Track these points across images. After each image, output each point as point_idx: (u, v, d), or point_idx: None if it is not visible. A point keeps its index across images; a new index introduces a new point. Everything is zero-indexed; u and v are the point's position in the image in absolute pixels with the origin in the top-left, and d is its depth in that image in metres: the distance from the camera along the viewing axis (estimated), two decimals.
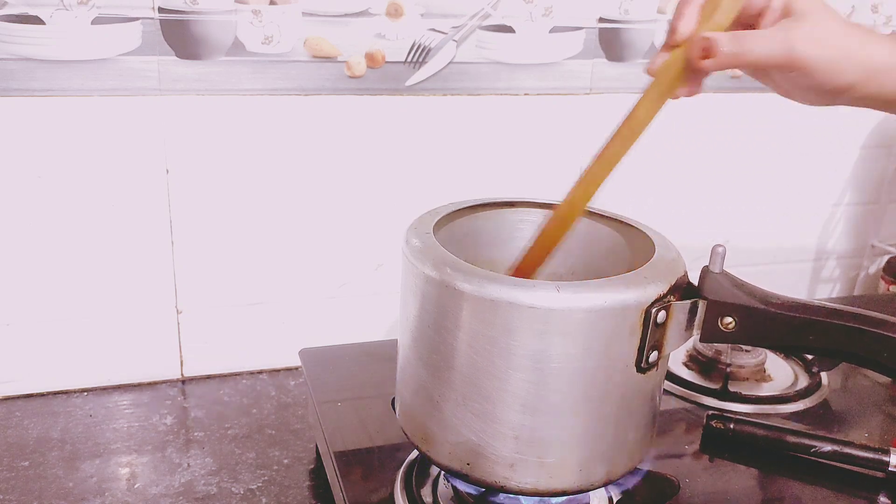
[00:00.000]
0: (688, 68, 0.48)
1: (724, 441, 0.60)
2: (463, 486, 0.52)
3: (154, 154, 0.72)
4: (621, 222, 0.56)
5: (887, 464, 0.57)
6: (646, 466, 0.55)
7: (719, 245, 0.47)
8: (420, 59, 0.77)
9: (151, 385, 0.79)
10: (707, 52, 0.46)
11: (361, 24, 0.74)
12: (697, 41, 0.47)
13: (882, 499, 0.56)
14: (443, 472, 0.54)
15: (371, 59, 0.76)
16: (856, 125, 0.98)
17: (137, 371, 0.79)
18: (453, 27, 0.77)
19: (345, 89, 0.76)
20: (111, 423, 0.73)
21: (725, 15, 0.48)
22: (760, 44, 0.47)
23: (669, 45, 0.48)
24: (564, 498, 0.50)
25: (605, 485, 0.49)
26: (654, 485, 0.55)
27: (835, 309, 0.46)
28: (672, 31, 0.48)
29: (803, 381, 0.71)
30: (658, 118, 0.49)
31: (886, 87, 0.50)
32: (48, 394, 0.77)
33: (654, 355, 0.46)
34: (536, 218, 0.59)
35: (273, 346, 0.82)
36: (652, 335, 0.45)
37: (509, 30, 0.79)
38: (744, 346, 0.72)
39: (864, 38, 0.50)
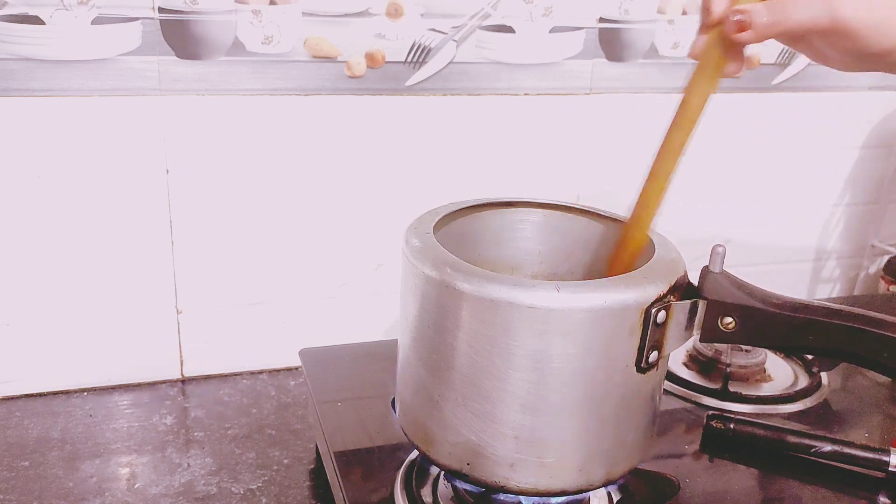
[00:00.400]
0: (727, 45, 0.47)
1: (724, 441, 0.60)
2: (463, 486, 0.52)
3: (154, 154, 0.72)
4: (621, 222, 0.56)
5: (887, 464, 0.57)
6: (646, 466, 0.55)
7: (719, 245, 0.47)
8: (420, 59, 0.77)
9: (151, 385, 0.79)
10: (743, 26, 0.46)
11: (361, 24, 0.74)
12: (731, 16, 0.46)
13: (882, 499, 0.56)
14: (443, 472, 0.54)
15: (371, 59, 0.76)
16: (856, 125, 0.98)
17: (137, 371, 0.79)
18: (453, 27, 0.77)
19: (345, 89, 0.76)
20: (111, 423, 0.73)
21: None
22: (800, 9, 0.45)
23: (706, 26, 0.48)
24: (564, 498, 0.50)
25: (605, 485, 0.49)
26: (654, 485, 0.55)
27: (835, 309, 0.46)
28: (706, 11, 0.48)
29: (803, 381, 0.71)
30: (711, 101, 0.48)
31: None
32: (48, 394, 0.77)
33: (654, 355, 0.46)
34: (536, 218, 0.59)
35: (273, 346, 0.82)
36: (652, 335, 0.45)
37: (509, 30, 0.79)
38: (744, 346, 0.72)
39: None
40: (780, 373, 0.72)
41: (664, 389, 0.57)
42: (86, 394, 0.77)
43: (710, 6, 0.47)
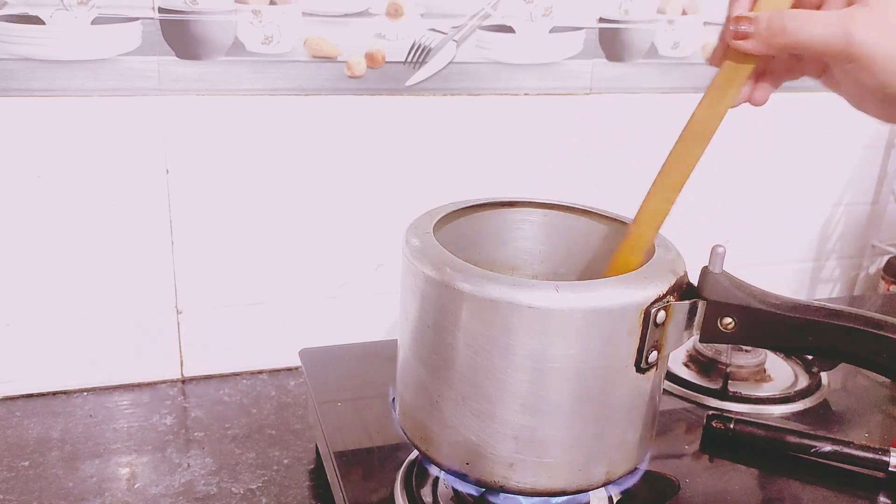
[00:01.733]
0: (739, 59, 0.43)
1: (724, 441, 0.60)
2: (462, 487, 0.52)
3: (154, 154, 0.72)
4: (621, 222, 0.56)
5: (887, 464, 0.57)
6: (646, 466, 0.55)
7: (719, 245, 0.47)
8: (420, 59, 0.77)
9: (151, 385, 0.79)
10: (742, 34, 0.41)
11: (361, 24, 0.74)
12: (734, 22, 0.42)
13: (882, 499, 0.56)
14: (443, 472, 0.54)
15: (371, 59, 0.76)
16: (856, 125, 0.98)
17: (137, 371, 0.79)
18: (453, 27, 0.77)
19: (345, 89, 0.76)
20: (111, 423, 0.73)
21: None
22: (810, 24, 0.40)
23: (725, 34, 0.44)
24: (564, 498, 0.50)
25: (605, 485, 0.49)
26: (654, 485, 0.55)
27: (834, 309, 0.46)
28: (728, 18, 0.43)
29: (803, 381, 0.71)
30: (725, 120, 0.45)
31: None
32: (48, 394, 0.77)
33: (653, 355, 0.46)
34: (536, 218, 0.59)
35: (273, 346, 0.82)
36: (651, 335, 0.45)
37: (509, 30, 0.79)
38: (744, 346, 0.72)
39: None
40: (780, 373, 0.72)
41: (664, 389, 0.57)
42: (86, 394, 0.77)
43: (731, 12, 0.43)
